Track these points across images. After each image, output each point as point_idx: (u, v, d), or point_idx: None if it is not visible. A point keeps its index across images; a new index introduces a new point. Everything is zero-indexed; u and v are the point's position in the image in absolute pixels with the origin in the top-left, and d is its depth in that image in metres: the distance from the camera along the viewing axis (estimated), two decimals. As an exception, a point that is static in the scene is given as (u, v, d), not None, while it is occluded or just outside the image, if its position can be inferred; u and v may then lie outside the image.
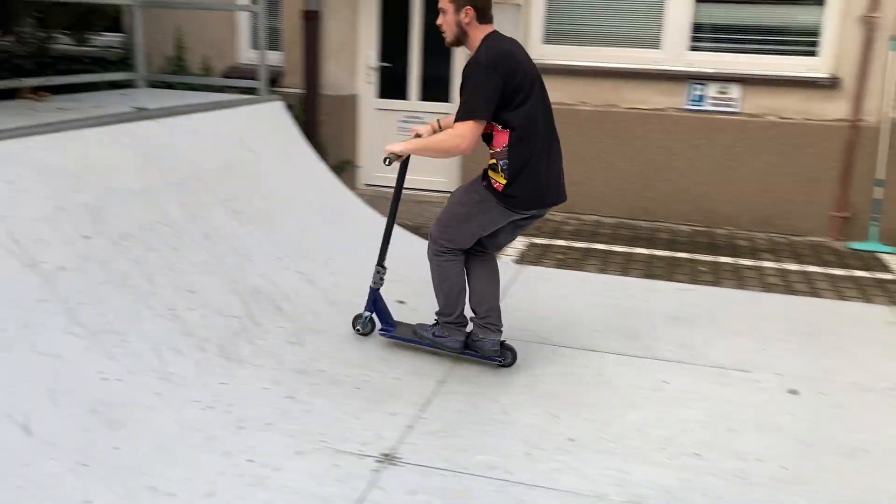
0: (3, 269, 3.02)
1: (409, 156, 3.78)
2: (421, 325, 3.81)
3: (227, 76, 7.67)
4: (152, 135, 4.24)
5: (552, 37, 7.07)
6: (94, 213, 3.55)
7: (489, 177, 3.50)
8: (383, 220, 5.63)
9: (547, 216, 6.87)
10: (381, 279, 3.91)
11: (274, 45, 7.70)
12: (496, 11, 3.49)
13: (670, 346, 4.10)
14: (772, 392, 3.60)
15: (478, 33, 3.44)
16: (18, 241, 3.14)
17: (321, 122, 7.53)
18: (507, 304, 4.47)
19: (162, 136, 4.32)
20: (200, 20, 7.65)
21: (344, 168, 7.56)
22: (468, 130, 3.30)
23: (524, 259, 5.74)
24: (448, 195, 7.34)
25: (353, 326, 3.99)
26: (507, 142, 3.40)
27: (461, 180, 7.34)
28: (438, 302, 3.74)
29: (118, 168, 3.88)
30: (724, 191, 6.75)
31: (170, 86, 6.65)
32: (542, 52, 7.07)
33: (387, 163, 3.67)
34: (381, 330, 3.90)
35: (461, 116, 3.34)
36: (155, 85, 6.01)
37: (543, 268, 5.53)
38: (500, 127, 3.42)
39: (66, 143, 3.66)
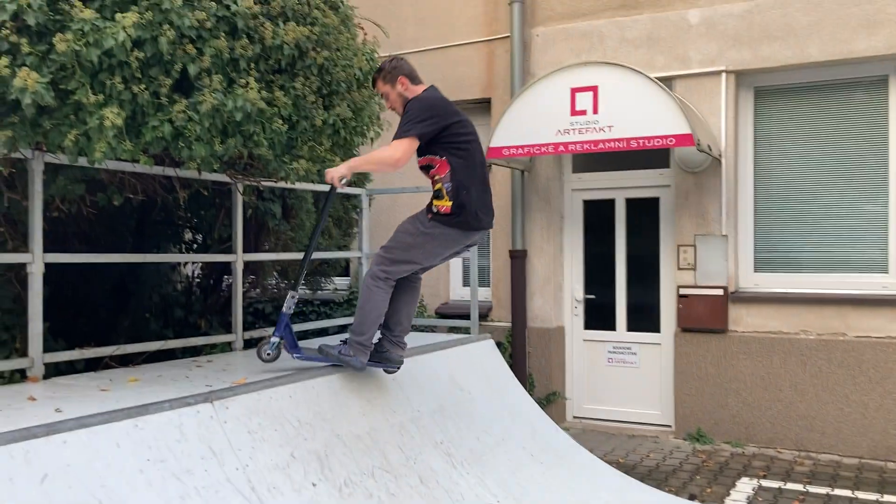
0: (241, 517, 3.21)
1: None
2: (326, 343, 4.27)
3: (439, 312, 8.13)
4: (378, 381, 4.51)
5: (764, 265, 6.90)
6: (322, 460, 3.75)
7: (434, 206, 4.03)
8: (593, 459, 5.50)
9: (775, 454, 6.34)
10: (293, 305, 4.23)
11: (483, 281, 8.14)
12: (701, 242, 3.59)
13: None
14: None
15: (417, 90, 4.14)
16: (255, 488, 3.36)
17: (529, 355, 7.66)
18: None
19: (387, 381, 4.58)
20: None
21: (552, 400, 7.52)
22: (402, 144, 3.88)
23: (753, 506, 5.23)
24: (660, 427, 7.06)
25: (259, 354, 4.19)
26: (450, 168, 3.99)
27: (675, 412, 7.03)
28: (355, 319, 4.16)
29: (345, 414, 4.13)
30: None
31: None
32: (754, 281, 6.89)
33: (343, 182, 4.08)
34: (294, 354, 4.19)
35: (397, 135, 3.91)
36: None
37: (777, 517, 4.99)
38: (439, 157, 4.01)
39: (301, 393, 3.97)
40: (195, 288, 6.26)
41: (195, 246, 6.13)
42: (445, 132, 4.00)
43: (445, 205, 4.00)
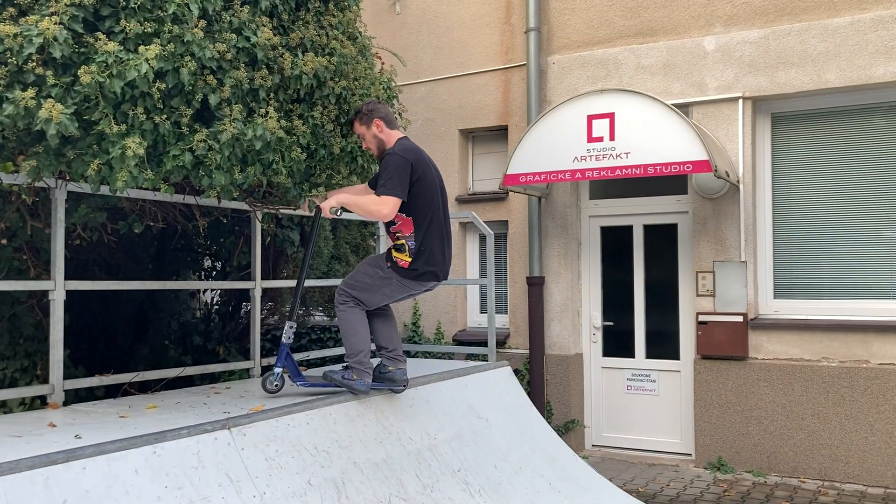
0: (258, 545, 3.21)
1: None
2: (330, 370, 4.29)
3: (457, 340, 8.12)
4: (394, 407, 4.50)
5: (783, 291, 6.85)
6: (339, 487, 3.74)
7: (394, 256, 4.19)
8: (612, 488, 5.43)
9: (798, 483, 6.23)
10: (293, 335, 4.34)
11: (500, 308, 8.12)
12: (720, 269, 3.53)
13: None
14: None
15: (391, 136, 4.25)
16: (272, 516, 3.35)
17: (547, 382, 7.62)
18: None
19: (404, 408, 4.57)
20: (434, 290, 8.30)
21: (570, 428, 7.46)
22: (390, 202, 4.01)
23: (776, 537, 5.13)
24: (680, 455, 6.97)
25: (264, 386, 4.26)
26: (414, 228, 4.16)
27: (695, 440, 6.94)
28: (346, 346, 4.25)
29: (362, 441, 4.12)
30: None
31: (407, 353, 7.14)
32: (774, 307, 6.83)
33: (334, 212, 4.10)
34: (298, 383, 4.26)
35: (384, 192, 4.01)
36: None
37: (801, 549, 4.89)
38: (405, 216, 4.14)
39: (318, 420, 3.97)
40: (214, 315, 6.31)
41: (214, 273, 6.19)
42: (416, 187, 4.14)
43: (404, 259, 4.19)
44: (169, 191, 3.62)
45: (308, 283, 5.63)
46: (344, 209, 4.23)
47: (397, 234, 4.23)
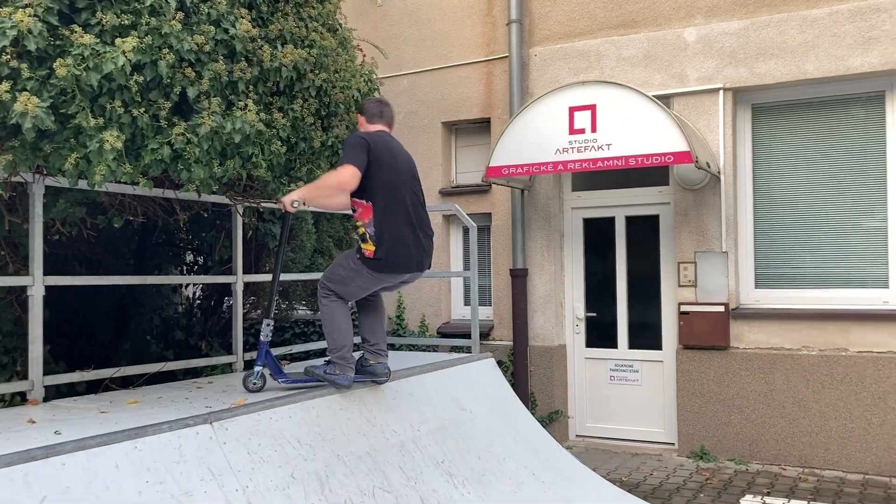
0: (241, 539, 3.20)
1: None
2: (312, 364, 4.33)
3: (441, 333, 8.13)
4: (378, 399, 4.51)
5: (765, 281, 6.90)
6: (322, 480, 3.74)
7: (361, 248, 4.15)
8: (596, 478, 5.47)
9: (779, 471, 6.29)
10: (270, 332, 4.32)
11: (484, 300, 8.14)
12: (701, 259, 3.51)
13: None
14: None
15: (369, 130, 4.26)
16: (255, 510, 3.35)
17: (530, 373, 7.64)
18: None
19: (387, 400, 4.58)
20: (418, 282, 8.32)
21: (554, 419, 7.49)
22: (347, 170, 3.92)
23: (758, 524, 5.19)
24: (663, 445, 7.02)
25: (245, 385, 4.20)
26: (373, 213, 4.09)
27: (678, 430, 7.00)
28: (328, 341, 4.24)
29: (345, 434, 4.12)
30: None
31: (392, 346, 7.14)
32: (755, 297, 6.89)
33: (295, 206, 4.03)
34: (280, 380, 4.24)
35: (340, 163, 3.97)
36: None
37: (781, 535, 4.95)
38: (365, 202, 4.09)
39: (301, 413, 3.97)
40: (196, 310, 6.27)
41: (196, 268, 6.15)
42: (374, 168, 4.03)
43: (369, 249, 4.13)
44: (148, 185, 3.59)
45: (290, 276, 5.62)
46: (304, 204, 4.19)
47: (358, 224, 4.19)
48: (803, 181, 6.80)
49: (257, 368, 4.27)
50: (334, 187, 3.99)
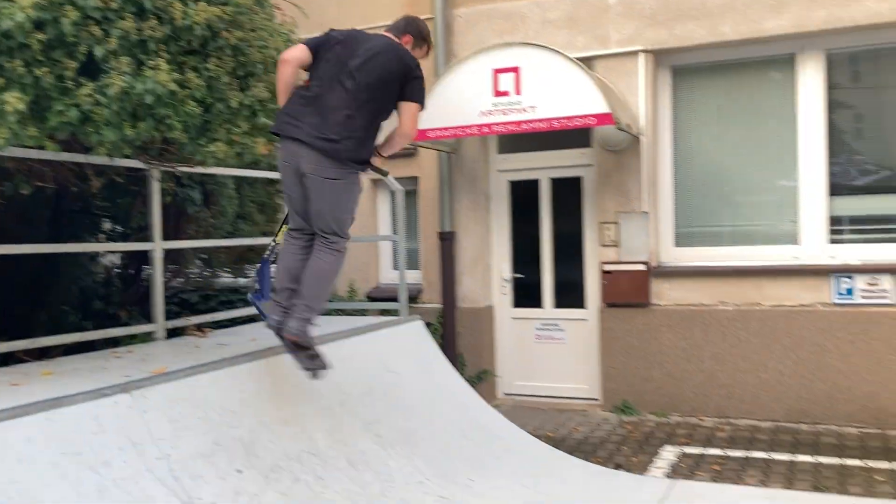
0: (164, 507, 3.17)
1: None
2: (300, 329, 3.98)
3: (371, 297, 8.12)
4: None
5: (684, 240, 7.11)
6: (247, 446, 3.72)
7: None
8: (522, 434, 5.60)
9: (697, 422, 6.56)
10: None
11: (413, 263, 8.15)
12: (623, 220, 3.54)
13: (853, 576, 3.65)
14: None
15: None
16: (178, 477, 3.31)
17: (459, 335, 7.73)
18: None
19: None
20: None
21: (483, 378, 7.61)
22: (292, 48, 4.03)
23: (675, 472, 5.41)
24: (588, 400, 7.22)
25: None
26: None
27: (601, 386, 7.20)
28: (315, 296, 4.01)
29: (271, 400, 4.10)
30: (890, 387, 6.23)
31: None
32: (675, 256, 7.10)
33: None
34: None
35: None
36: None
37: (697, 482, 5.17)
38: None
39: (225, 380, 3.92)
40: (115, 279, 6.09)
41: (115, 235, 5.96)
42: (321, 52, 4.04)
43: None
44: (55, 149, 3.45)
45: (213, 243, 5.50)
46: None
47: None
48: (720, 142, 6.99)
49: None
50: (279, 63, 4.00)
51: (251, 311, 5.94)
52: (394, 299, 6.83)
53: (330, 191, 3.93)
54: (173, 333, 5.11)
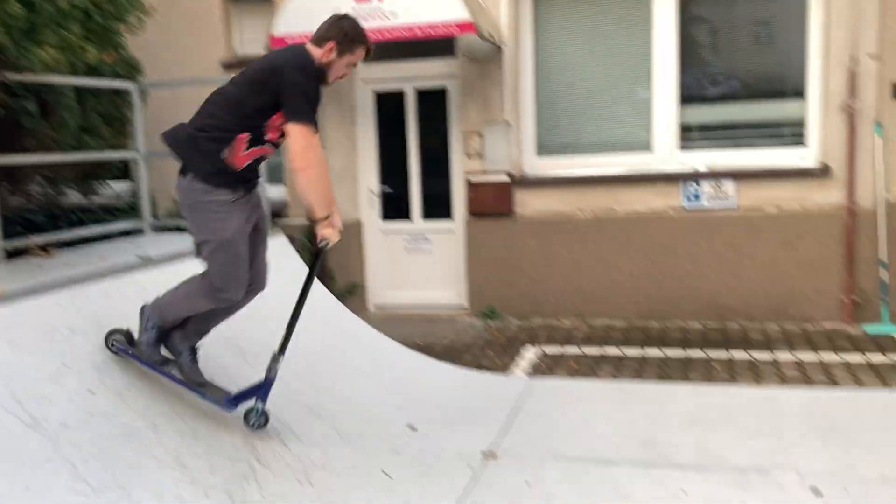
0: (5, 431, 3.04)
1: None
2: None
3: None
4: (156, 282, 4.33)
5: (544, 150, 7.27)
6: (100, 367, 3.60)
7: None
8: (390, 342, 5.70)
9: (557, 324, 6.89)
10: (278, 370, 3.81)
11: (279, 178, 7.96)
12: (487, 131, 3.55)
13: (688, 451, 4.00)
14: (793, 493, 3.49)
15: None
16: (21, 401, 3.17)
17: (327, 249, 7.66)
18: (519, 420, 4.43)
19: (167, 282, 4.41)
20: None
21: (353, 292, 7.64)
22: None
23: (536, 371, 5.69)
24: (456, 309, 7.41)
25: (247, 421, 3.74)
26: None
27: (468, 293, 7.40)
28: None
29: (124, 318, 3.95)
30: (732, 285, 6.74)
31: (179, 229, 6.82)
32: (537, 165, 7.26)
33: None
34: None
35: None
36: (163, 230, 6.19)
37: (555, 378, 5.47)
38: None
39: (72, 300, 3.75)
40: (-54, 199, 5.62)
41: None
42: None
43: None
44: None
45: (57, 157, 5.15)
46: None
47: None
48: (580, 52, 7.11)
49: (259, 406, 3.77)
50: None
51: (101, 229, 5.66)
52: (257, 214, 6.67)
53: None
54: (14, 255, 4.80)
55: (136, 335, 3.76)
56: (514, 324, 7.12)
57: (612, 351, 6.11)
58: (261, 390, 3.71)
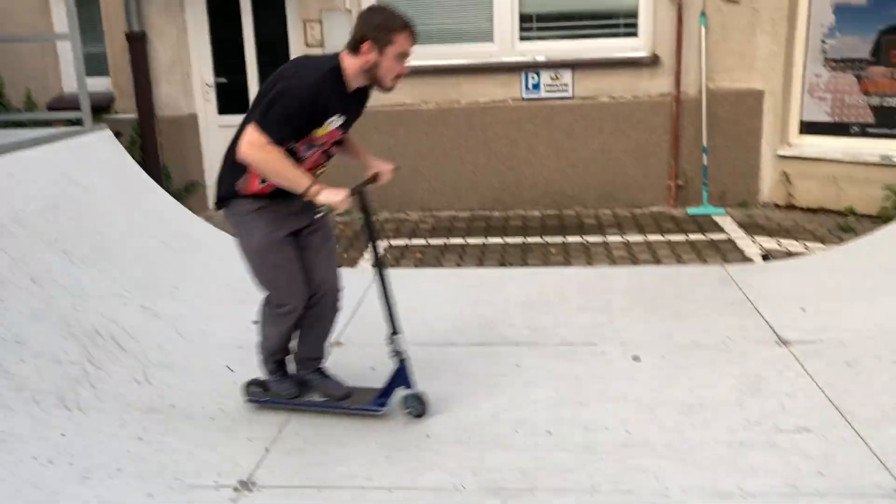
0: None
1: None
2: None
3: (53, 108, 7.27)
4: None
5: (387, 39, 7.10)
6: None
7: None
8: (230, 240, 5.54)
9: (404, 217, 6.95)
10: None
11: (101, 70, 7.35)
12: (326, 18, 3.43)
13: (523, 330, 4.24)
14: (617, 362, 3.79)
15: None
16: None
17: (161, 146, 7.27)
18: (363, 309, 4.50)
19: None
20: (16, 51, 7.20)
21: (191, 190, 7.34)
22: None
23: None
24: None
25: (407, 410, 3.35)
26: None
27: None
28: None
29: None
30: (567, 173, 7.01)
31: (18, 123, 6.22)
32: (378, 55, 7.09)
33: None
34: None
35: None
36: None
37: (401, 269, 5.56)
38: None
39: None
40: None
41: None
42: None
43: None
44: None
45: None
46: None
47: None
48: (420, -63, 6.91)
49: (409, 392, 3.34)
50: None
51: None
52: (80, 108, 6.20)
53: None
54: None
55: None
56: (362, 218, 7.09)
57: (456, 241, 6.26)
58: (401, 376, 3.37)
